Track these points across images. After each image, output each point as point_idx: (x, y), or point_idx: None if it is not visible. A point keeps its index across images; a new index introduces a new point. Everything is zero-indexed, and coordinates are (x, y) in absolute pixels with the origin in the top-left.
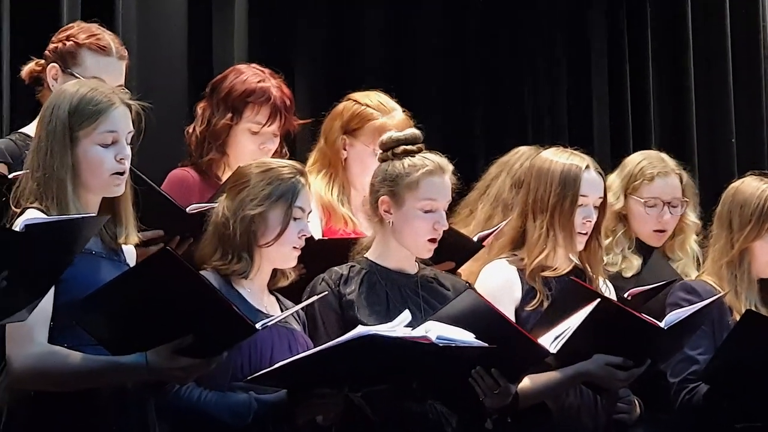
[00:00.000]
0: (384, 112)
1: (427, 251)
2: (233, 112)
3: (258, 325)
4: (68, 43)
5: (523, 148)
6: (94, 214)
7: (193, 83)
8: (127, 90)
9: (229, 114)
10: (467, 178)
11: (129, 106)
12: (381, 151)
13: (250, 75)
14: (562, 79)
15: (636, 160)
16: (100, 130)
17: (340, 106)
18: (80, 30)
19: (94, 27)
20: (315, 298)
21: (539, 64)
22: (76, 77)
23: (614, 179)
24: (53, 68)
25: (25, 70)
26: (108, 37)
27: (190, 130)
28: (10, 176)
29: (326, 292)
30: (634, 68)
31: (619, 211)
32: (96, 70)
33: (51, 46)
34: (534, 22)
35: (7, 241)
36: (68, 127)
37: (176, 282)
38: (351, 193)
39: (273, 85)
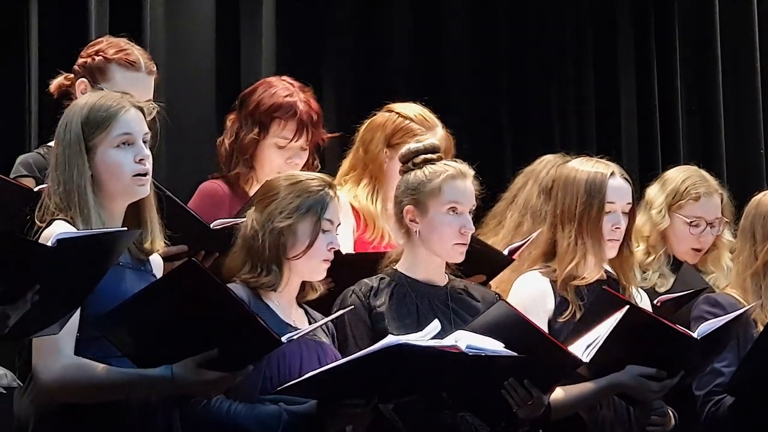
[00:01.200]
0: (427, 127)
1: (459, 255)
2: (260, 126)
3: (283, 338)
4: (97, 58)
5: (548, 156)
6: (125, 229)
7: (221, 95)
8: (155, 104)
9: (257, 128)
10: (494, 188)
11: (141, 109)
12: (402, 164)
13: (278, 89)
14: (589, 89)
15: (679, 177)
16: (113, 134)
17: (382, 117)
18: (109, 45)
19: (123, 42)
20: (343, 311)
21: (567, 75)
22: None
23: (657, 195)
24: (82, 83)
25: (54, 84)
26: (137, 52)
27: (220, 143)
28: (36, 189)
29: (353, 306)
30: (662, 78)
31: (666, 232)
32: (124, 85)
33: (80, 61)
34: (561, 32)
35: (39, 256)
36: (82, 138)
37: (202, 294)
38: (387, 205)
39: (301, 99)
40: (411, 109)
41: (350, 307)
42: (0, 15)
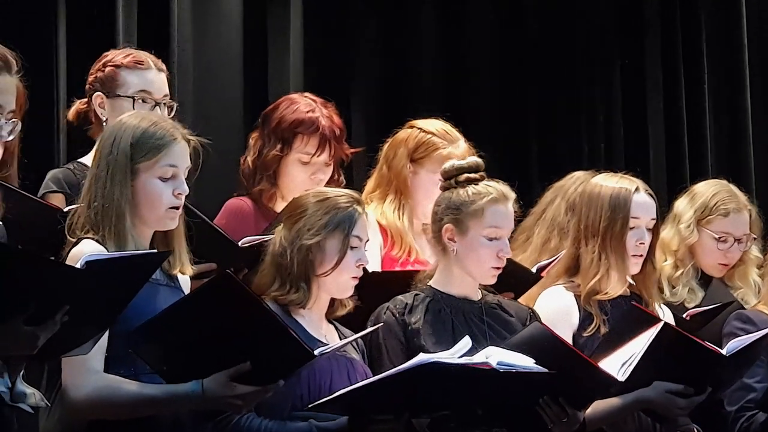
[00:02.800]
0: (449, 141)
1: (492, 278)
2: (283, 142)
3: (316, 352)
4: (107, 69)
5: (578, 173)
6: (155, 251)
7: (249, 113)
8: (173, 102)
9: (279, 145)
10: (523, 204)
11: (188, 142)
12: (443, 180)
13: (300, 105)
14: (617, 105)
15: (709, 191)
16: (161, 163)
17: (404, 133)
18: (114, 54)
19: (127, 49)
20: (372, 328)
21: (594, 90)
22: (123, 97)
23: (686, 209)
24: (98, 97)
25: (71, 112)
26: (142, 54)
27: (243, 161)
28: (66, 209)
29: (381, 324)
30: (689, 92)
31: (693, 246)
32: (139, 85)
33: (90, 78)
34: (589, 47)
35: (67, 277)
36: (129, 159)
37: (235, 307)
38: (413, 220)
39: (323, 114)
40: (433, 124)
41: (380, 325)
42: (29, 34)
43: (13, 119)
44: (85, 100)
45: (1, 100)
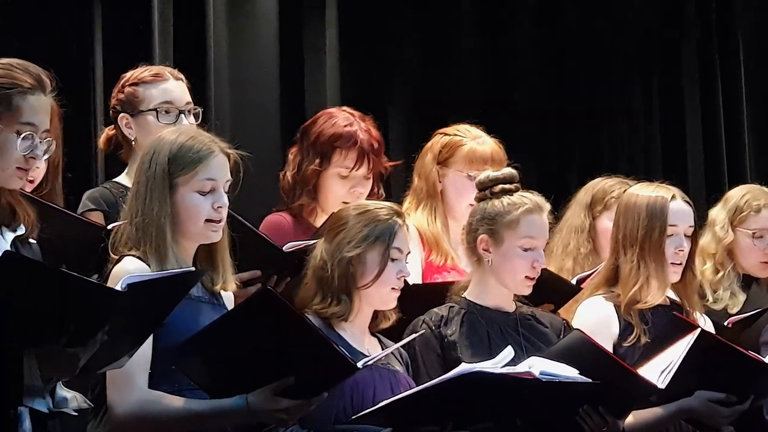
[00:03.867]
0: (471, 137)
1: (527, 288)
2: (321, 157)
3: (359, 364)
4: (126, 89)
5: (588, 183)
6: (192, 269)
7: (286, 128)
8: (198, 108)
9: (318, 159)
10: (560, 216)
11: (228, 155)
12: (478, 191)
13: (338, 119)
14: (655, 115)
15: (739, 193)
16: (199, 177)
17: (429, 142)
18: (130, 74)
19: (142, 66)
20: (414, 335)
21: (632, 99)
22: (147, 112)
23: (719, 213)
24: (123, 118)
25: (101, 140)
26: (157, 66)
27: (282, 176)
28: (109, 227)
29: (424, 330)
30: (727, 101)
31: (727, 246)
32: (160, 96)
33: (112, 102)
34: (626, 55)
35: (109, 299)
36: (167, 174)
37: (277, 322)
38: (450, 225)
39: (361, 128)
40: (455, 126)
41: (421, 332)
42: (66, 54)
43: (48, 138)
44: (112, 125)
45: (35, 119)
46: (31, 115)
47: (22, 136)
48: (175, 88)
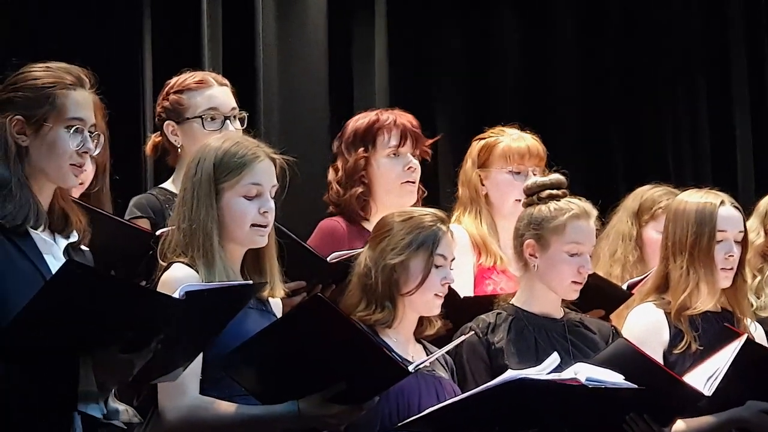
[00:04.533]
0: (507, 135)
1: (574, 293)
2: (365, 144)
3: (410, 368)
4: (170, 97)
5: (638, 189)
6: (250, 282)
7: (335, 133)
8: (244, 112)
9: (361, 148)
10: (606, 221)
11: (273, 161)
12: (526, 196)
13: (365, 114)
14: (703, 121)
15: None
16: (244, 182)
17: (468, 150)
18: (174, 81)
19: (186, 72)
20: (460, 339)
21: (680, 107)
22: (193, 119)
23: (752, 221)
24: (169, 125)
25: (148, 147)
26: (200, 73)
27: (329, 188)
28: (158, 232)
29: (471, 333)
30: None
31: (763, 250)
32: (205, 103)
33: (158, 110)
34: (674, 63)
35: (166, 307)
36: (213, 179)
37: (328, 328)
38: (499, 226)
39: (393, 112)
40: (490, 130)
41: (469, 334)
42: (115, 60)
43: (96, 132)
44: (159, 132)
45: (81, 114)
46: (77, 110)
47: (72, 130)
48: (219, 94)
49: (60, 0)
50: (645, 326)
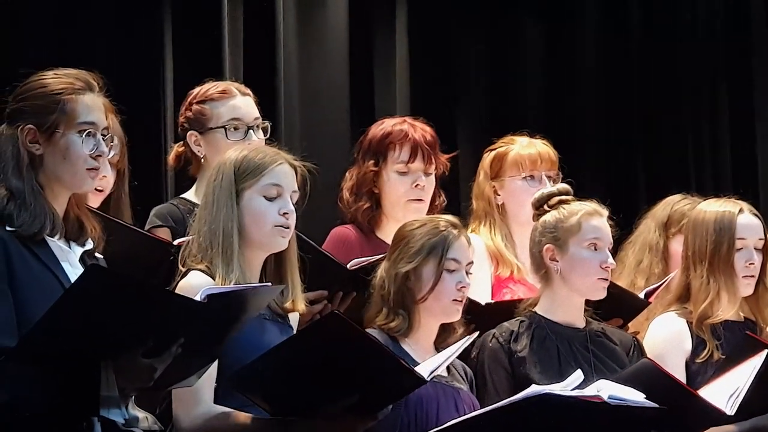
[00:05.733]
0: (517, 143)
1: (601, 290)
2: (376, 157)
3: (427, 377)
4: (193, 108)
5: (669, 198)
6: (269, 284)
7: (356, 141)
8: (267, 122)
9: (372, 161)
10: (628, 230)
11: (294, 168)
12: (535, 209)
13: (387, 122)
14: (724, 128)
15: None
16: (264, 182)
17: (480, 163)
18: (197, 91)
19: (208, 82)
20: (465, 340)
21: (702, 117)
22: (216, 129)
23: None
24: (192, 135)
25: (170, 157)
26: (224, 83)
27: (340, 196)
28: (176, 242)
29: (476, 335)
30: None
31: None
32: (228, 113)
33: (181, 120)
34: (695, 71)
35: (188, 311)
36: (234, 181)
37: (344, 343)
38: (515, 239)
39: (411, 125)
40: (501, 140)
41: (475, 335)
42: (136, 70)
43: (110, 135)
44: (182, 142)
45: (92, 117)
46: (87, 114)
47: (84, 134)
48: (242, 104)
49: (81, 11)
50: (667, 336)
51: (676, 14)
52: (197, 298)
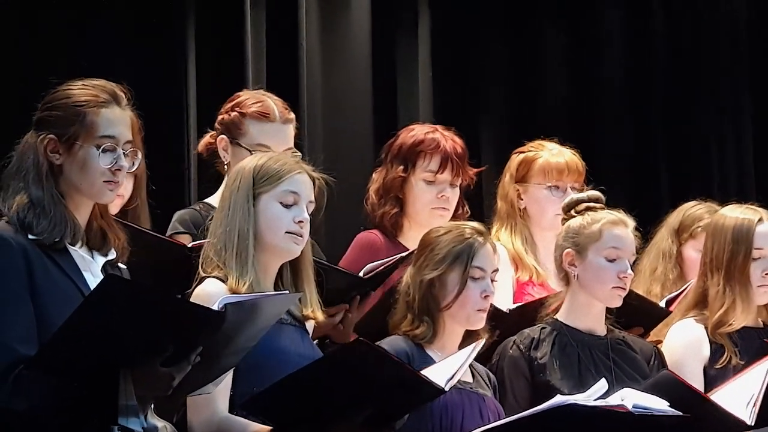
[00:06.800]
0: (546, 150)
1: (617, 299)
2: (405, 164)
3: (445, 386)
4: (233, 114)
5: (683, 205)
6: (287, 292)
7: (379, 147)
8: (298, 152)
9: (401, 166)
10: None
11: (313, 179)
12: (564, 214)
13: (418, 128)
14: (747, 138)
15: None
16: (281, 188)
17: (507, 164)
18: (245, 98)
19: (260, 94)
20: (473, 347)
21: (725, 123)
22: (244, 147)
23: None
24: (222, 140)
25: (201, 144)
26: (271, 103)
27: (366, 197)
28: (190, 245)
29: (482, 341)
30: None
31: None
32: (260, 137)
33: (219, 117)
34: (718, 79)
35: (206, 320)
36: (252, 186)
37: (369, 366)
38: (536, 242)
39: (443, 135)
40: (530, 144)
41: (481, 341)
42: (159, 75)
43: (132, 149)
44: (215, 133)
45: (113, 131)
46: (108, 128)
47: (102, 148)
48: (277, 133)
49: (102, 17)
50: (685, 342)
51: (701, 23)
52: (215, 307)
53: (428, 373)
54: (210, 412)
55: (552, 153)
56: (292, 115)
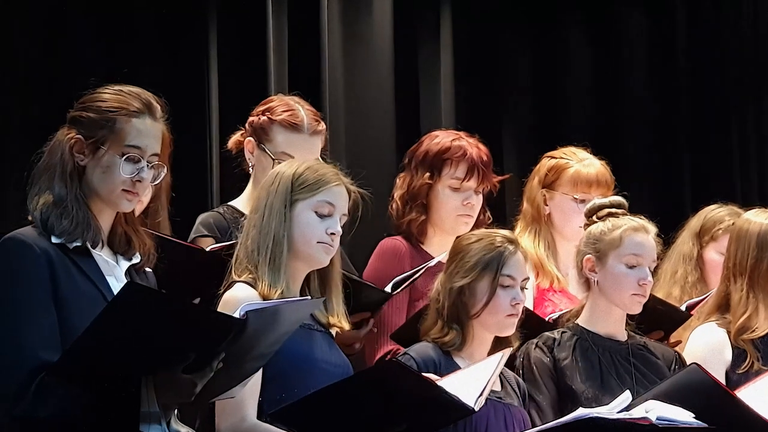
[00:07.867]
0: (578, 160)
1: (636, 305)
2: (431, 170)
3: (474, 405)
4: (263, 118)
5: (704, 208)
6: (308, 298)
7: (402, 154)
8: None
9: (428, 173)
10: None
11: (349, 192)
12: (586, 218)
13: (443, 135)
14: None
15: None
16: (318, 198)
17: (537, 166)
18: (278, 104)
19: (293, 101)
20: (500, 355)
21: (748, 128)
22: (267, 153)
23: None
24: (249, 142)
25: (231, 141)
26: (302, 112)
27: (391, 202)
28: (208, 248)
29: (510, 350)
30: None
31: None
32: (286, 146)
33: (250, 118)
34: (742, 84)
35: (227, 327)
36: (290, 190)
37: (400, 386)
38: (558, 249)
39: (469, 142)
40: (562, 150)
41: (509, 350)
42: (182, 80)
43: (157, 162)
44: (245, 133)
45: (140, 142)
46: (136, 138)
47: (125, 157)
48: (303, 143)
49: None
50: (707, 346)
51: (724, 28)
52: (236, 314)
53: (456, 380)
54: (238, 418)
55: (583, 164)
56: (322, 126)
